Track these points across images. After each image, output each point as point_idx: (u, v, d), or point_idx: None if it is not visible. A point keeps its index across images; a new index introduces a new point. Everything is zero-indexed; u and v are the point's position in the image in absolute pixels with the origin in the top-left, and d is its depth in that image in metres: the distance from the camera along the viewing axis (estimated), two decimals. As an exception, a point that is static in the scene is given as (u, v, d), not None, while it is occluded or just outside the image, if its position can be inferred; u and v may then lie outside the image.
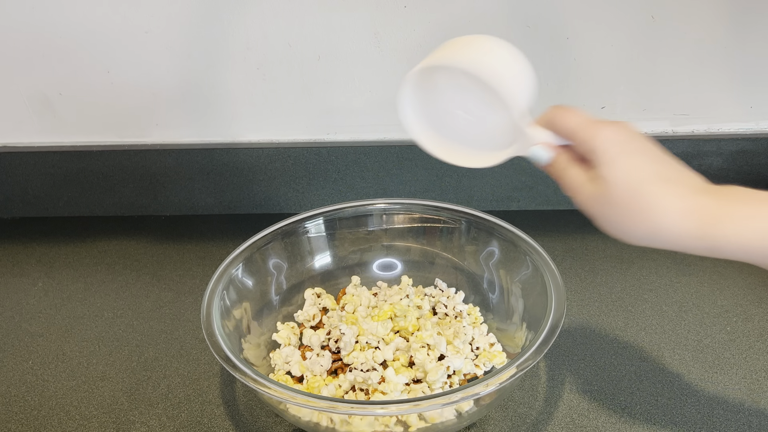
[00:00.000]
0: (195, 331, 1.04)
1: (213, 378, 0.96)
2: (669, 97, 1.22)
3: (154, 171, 1.29)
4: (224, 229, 1.29)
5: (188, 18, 1.14)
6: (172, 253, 1.24)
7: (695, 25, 1.14)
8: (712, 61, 1.18)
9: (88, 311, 1.10)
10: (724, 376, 0.93)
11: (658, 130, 1.24)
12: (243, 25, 1.15)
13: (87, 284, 1.17)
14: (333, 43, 1.17)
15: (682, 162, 0.68)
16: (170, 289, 1.14)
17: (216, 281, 0.93)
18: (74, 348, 1.03)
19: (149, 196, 1.33)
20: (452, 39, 0.77)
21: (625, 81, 1.20)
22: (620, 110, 1.22)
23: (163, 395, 0.93)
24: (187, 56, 1.18)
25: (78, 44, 1.17)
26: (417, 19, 1.14)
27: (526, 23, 1.14)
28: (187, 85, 1.21)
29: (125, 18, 1.14)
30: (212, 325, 0.86)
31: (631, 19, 1.14)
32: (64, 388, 0.95)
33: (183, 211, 1.35)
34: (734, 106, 1.22)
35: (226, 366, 0.80)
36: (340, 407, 0.74)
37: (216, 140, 1.27)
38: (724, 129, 1.24)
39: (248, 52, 1.17)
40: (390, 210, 1.09)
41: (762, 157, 1.23)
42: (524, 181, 1.25)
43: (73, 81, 1.21)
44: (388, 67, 1.19)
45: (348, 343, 0.93)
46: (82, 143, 1.28)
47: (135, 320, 1.08)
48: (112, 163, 1.28)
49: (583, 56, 1.17)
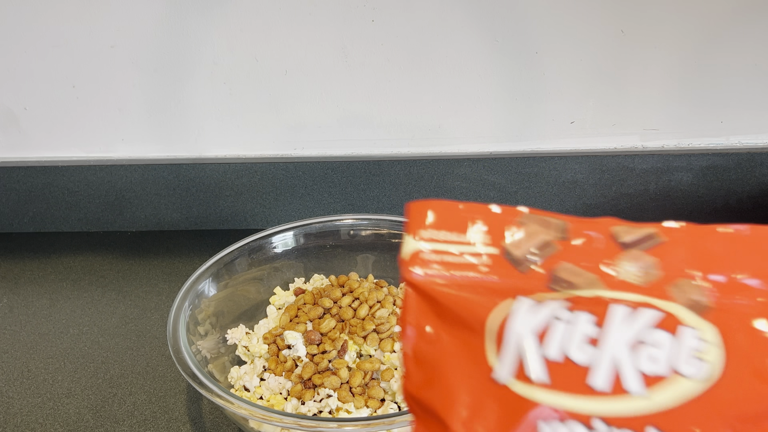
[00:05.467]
0: (161, 348, 1.06)
1: (179, 395, 0.98)
2: (639, 111, 1.24)
3: (120, 186, 1.31)
4: (191, 245, 1.30)
5: (154, 32, 1.16)
6: (138, 269, 1.25)
7: (665, 39, 1.17)
8: (683, 75, 1.20)
9: (53, 328, 1.12)
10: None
11: (627, 146, 1.27)
12: (209, 39, 1.16)
13: (52, 300, 1.18)
14: (300, 58, 1.19)
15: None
16: (136, 306, 1.16)
17: (182, 297, 0.95)
18: (39, 365, 1.04)
19: (115, 211, 1.34)
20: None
21: (594, 95, 1.23)
22: (590, 125, 1.24)
23: (128, 412, 0.95)
24: (153, 71, 1.20)
25: (43, 59, 1.19)
26: (385, 33, 1.16)
27: (495, 37, 1.16)
28: (153, 100, 1.23)
29: (90, 32, 1.16)
30: (178, 342, 0.88)
31: (601, 34, 1.16)
32: (29, 405, 0.97)
33: (149, 227, 1.36)
34: (704, 121, 1.25)
35: (192, 383, 0.81)
36: (306, 423, 0.76)
37: (182, 155, 1.29)
38: (694, 144, 1.27)
39: (215, 66, 1.19)
40: (358, 225, 1.11)
41: (732, 173, 1.26)
42: (494, 197, 1.26)
43: (38, 96, 1.23)
44: (356, 81, 1.21)
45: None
46: (47, 158, 1.30)
47: (101, 337, 1.09)
48: (77, 179, 1.30)
49: (553, 71, 1.19)
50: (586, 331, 0.53)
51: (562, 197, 1.29)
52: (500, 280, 0.57)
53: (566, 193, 1.28)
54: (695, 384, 0.51)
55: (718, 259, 0.57)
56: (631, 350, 0.53)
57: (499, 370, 0.53)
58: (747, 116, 1.23)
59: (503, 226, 0.58)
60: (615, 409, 0.52)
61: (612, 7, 1.13)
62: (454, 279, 0.58)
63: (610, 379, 0.52)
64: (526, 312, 0.54)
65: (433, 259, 0.58)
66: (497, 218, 0.59)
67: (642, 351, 0.52)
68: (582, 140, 1.25)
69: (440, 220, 0.59)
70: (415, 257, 0.58)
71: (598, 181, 1.27)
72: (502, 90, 1.21)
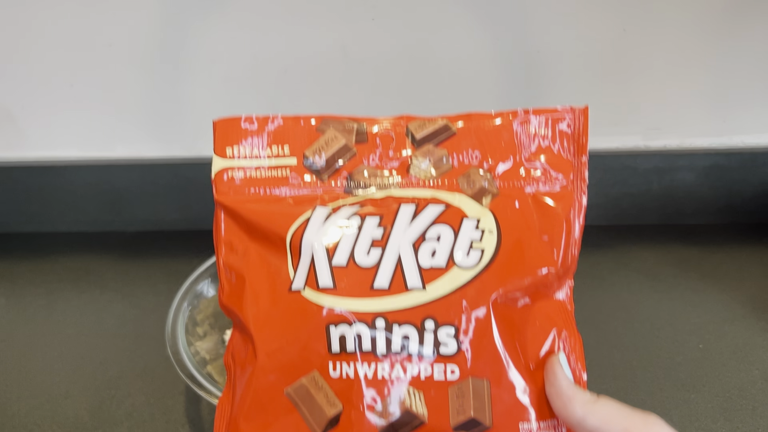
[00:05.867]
0: (159, 349, 1.05)
1: (178, 396, 0.98)
2: (641, 111, 1.24)
3: (118, 186, 1.30)
4: (190, 245, 1.29)
5: (152, 31, 1.16)
6: (136, 269, 1.25)
7: (667, 38, 1.16)
8: (685, 74, 1.20)
9: (51, 328, 1.11)
10: (697, 395, 0.96)
11: (629, 145, 1.26)
12: (208, 38, 1.16)
13: (50, 301, 1.18)
14: (299, 57, 1.18)
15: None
16: (135, 306, 1.16)
17: (181, 298, 0.95)
18: (37, 365, 1.04)
19: (113, 211, 1.34)
20: None
21: (596, 95, 1.22)
22: (591, 124, 1.23)
23: (127, 414, 0.95)
24: (151, 70, 1.19)
25: (40, 58, 1.18)
26: (385, 31, 1.16)
27: (496, 36, 1.16)
28: (151, 99, 1.22)
29: (88, 31, 1.16)
30: (177, 343, 0.88)
31: (603, 32, 1.16)
32: (26, 407, 0.97)
33: (148, 227, 1.36)
34: (707, 120, 1.25)
35: (191, 384, 0.81)
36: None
37: (181, 155, 1.28)
38: (696, 143, 1.26)
39: (213, 65, 1.19)
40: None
41: (735, 172, 1.26)
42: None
43: (35, 95, 1.22)
44: (356, 80, 1.21)
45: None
46: (44, 158, 1.29)
47: (99, 337, 1.09)
48: (75, 178, 1.30)
49: (554, 70, 1.19)
50: (373, 235, 0.59)
51: (564, 197, 1.28)
52: (300, 192, 0.62)
53: (568, 192, 1.28)
54: (469, 272, 0.57)
55: (502, 146, 0.62)
56: (412, 248, 0.58)
57: (296, 279, 0.59)
58: (750, 115, 1.23)
59: (303, 135, 0.63)
60: (395, 306, 0.57)
61: (614, 6, 1.12)
62: (257, 195, 0.62)
63: (391, 278, 0.57)
64: (319, 222, 0.59)
65: (238, 177, 0.63)
66: (298, 129, 0.64)
67: (423, 247, 0.58)
68: (584, 139, 1.24)
69: (244, 136, 0.64)
70: (221, 176, 0.63)
71: (600, 180, 1.27)
72: (503, 89, 1.21)
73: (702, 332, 1.07)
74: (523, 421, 0.59)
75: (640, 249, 1.26)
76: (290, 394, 0.58)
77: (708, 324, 1.09)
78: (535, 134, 0.62)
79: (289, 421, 0.58)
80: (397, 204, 0.61)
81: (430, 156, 0.63)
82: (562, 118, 0.63)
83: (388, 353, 0.57)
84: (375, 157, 0.63)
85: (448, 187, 0.62)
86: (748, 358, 1.02)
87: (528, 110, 0.63)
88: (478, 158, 0.62)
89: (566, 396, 0.58)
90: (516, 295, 0.60)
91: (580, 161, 0.62)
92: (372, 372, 0.57)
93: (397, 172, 0.63)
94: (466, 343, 0.57)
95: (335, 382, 0.57)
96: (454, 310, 0.57)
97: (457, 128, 0.63)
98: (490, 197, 0.61)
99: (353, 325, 0.57)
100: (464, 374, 0.57)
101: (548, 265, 0.60)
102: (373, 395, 0.57)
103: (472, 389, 0.58)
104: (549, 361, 0.60)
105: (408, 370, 0.57)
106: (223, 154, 0.64)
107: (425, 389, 0.57)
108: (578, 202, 0.62)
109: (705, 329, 1.07)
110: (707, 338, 1.06)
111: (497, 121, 0.63)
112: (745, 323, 1.08)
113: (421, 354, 0.57)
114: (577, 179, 0.63)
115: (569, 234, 0.62)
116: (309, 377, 0.58)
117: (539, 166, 0.62)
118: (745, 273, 1.19)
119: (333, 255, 0.59)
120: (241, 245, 0.63)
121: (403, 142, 0.63)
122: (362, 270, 0.58)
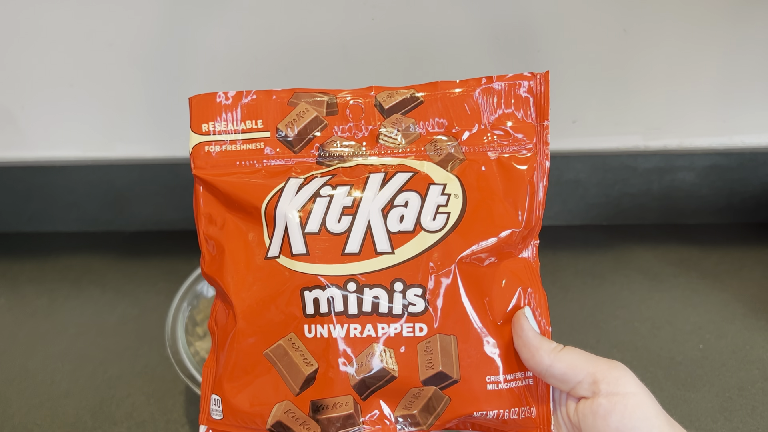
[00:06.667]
0: (160, 349, 1.06)
1: (178, 396, 0.98)
2: (641, 110, 1.24)
3: (119, 186, 1.30)
4: (190, 245, 1.29)
5: (152, 31, 1.16)
6: (137, 269, 1.25)
7: (668, 38, 1.16)
8: (685, 74, 1.20)
9: (51, 327, 1.12)
10: (697, 394, 0.96)
11: (629, 145, 1.26)
12: (208, 38, 1.16)
13: (51, 300, 1.18)
14: (300, 57, 1.18)
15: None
16: (135, 306, 1.16)
17: (181, 298, 0.95)
18: (37, 365, 1.04)
19: (114, 211, 1.34)
20: None
21: (596, 94, 1.22)
22: (592, 124, 1.24)
23: (127, 413, 0.95)
24: (151, 69, 1.19)
25: (41, 57, 1.18)
26: (385, 32, 1.16)
27: (496, 36, 1.16)
28: (152, 98, 1.22)
29: (89, 31, 1.16)
30: (177, 343, 0.88)
31: (603, 32, 1.16)
32: (27, 406, 0.97)
33: (148, 227, 1.36)
34: (707, 120, 1.24)
35: (191, 384, 0.82)
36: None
37: (181, 155, 1.28)
38: (696, 143, 1.26)
39: (213, 65, 1.19)
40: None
41: (735, 172, 1.26)
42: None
43: (35, 95, 1.22)
44: (356, 80, 1.20)
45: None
46: (45, 158, 1.29)
47: (99, 337, 1.09)
48: (76, 178, 1.30)
49: (555, 69, 1.18)
50: (344, 203, 0.62)
51: (565, 197, 1.29)
52: (273, 163, 0.65)
53: (568, 192, 1.28)
54: (436, 235, 0.60)
55: (467, 113, 0.65)
56: (382, 214, 0.61)
57: (271, 248, 0.62)
58: (750, 115, 1.23)
59: (276, 109, 0.66)
60: (365, 269, 0.60)
61: (614, 6, 1.13)
62: (233, 168, 0.65)
63: (362, 243, 0.61)
64: (292, 192, 0.62)
65: (214, 151, 0.66)
66: (271, 103, 0.66)
67: (392, 213, 0.61)
68: (584, 139, 1.25)
69: (219, 112, 0.66)
70: (198, 151, 0.66)
71: (601, 180, 1.27)
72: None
73: (702, 332, 1.07)
74: (490, 374, 0.63)
75: (640, 249, 1.26)
76: (269, 355, 0.62)
77: (708, 324, 1.09)
78: (499, 100, 0.65)
79: (268, 379, 0.62)
80: (366, 173, 0.64)
81: (398, 125, 0.65)
82: (524, 84, 0.65)
83: (359, 314, 0.61)
84: (345, 128, 0.66)
85: (415, 155, 0.65)
86: (748, 358, 1.02)
87: (491, 77, 0.65)
88: (444, 126, 0.65)
89: (533, 346, 0.61)
90: (481, 255, 0.63)
91: (542, 125, 0.65)
92: (344, 332, 0.61)
93: (367, 141, 0.65)
94: (433, 303, 0.61)
95: (311, 342, 0.61)
96: (422, 271, 0.60)
97: (423, 97, 0.65)
98: (456, 163, 0.64)
99: (326, 289, 0.60)
100: (432, 331, 0.61)
101: (512, 226, 0.63)
102: (347, 353, 0.61)
103: (439, 345, 0.61)
104: (516, 315, 0.63)
105: (379, 329, 0.61)
106: (199, 130, 0.67)
107: (395, 346, 0.61)
108: (541, 165, 0.65)
109: (705, 329, 1.08)
110: (707, 338, 1.06)
111: (462, 89, 0.65)
112: (745, 323, 1.08)
113: (391, 314, 0.61)
114: (540, 143, 0.65)
115: (533, 196, 0.64)
116: (286, 339, 0.62)
117: (503, 131, 0.65)
118: (745, 273, 1.19)
119: (306, 223, 0.62)
120: (219, 217, 0.66)
121: (372, 113, 0.66)
122: (334, 237, 0.61)
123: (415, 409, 0.62)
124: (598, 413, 0.58)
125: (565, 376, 0.60)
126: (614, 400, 0.58)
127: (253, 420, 0.62)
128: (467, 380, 0.62)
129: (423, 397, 0.62)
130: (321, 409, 0.61)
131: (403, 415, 0.62)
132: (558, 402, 0.64)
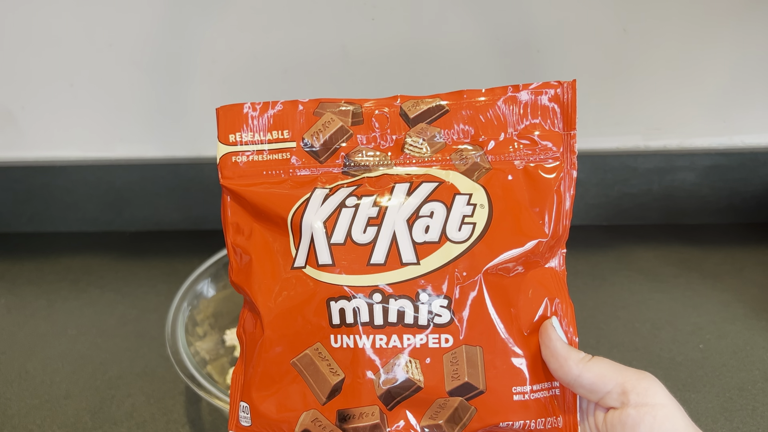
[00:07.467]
0: (160, 349, 1.06)
1: (178, 396, 0.98)
2: (641, 111, 1.24)
3: (119, 186, 1.30)
4: (190, 245, 1.30)
5: (152, 31, 1.16)
6: (137, 269, 1.25)
7: (668, 38, 1.16)
8: (685, 74, 1.20)
9: (51, 328, 1.12)
10: (697, 395, 0.96)
11: (630, 145, 1.27)
12: (208, 38, 1.16)
13: (50, 301, 1.18)
14: (300, 57, 1.18)
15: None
16: (135, 306, 1.16)
17: (181, 298, 0.95)
18: (37, 366, 1.04)
19: (114, 211, 1.34)
20: None
21: (597, 95, 1.22)
22: (592, 124, 1.24)
23: (127, 414, 0.95)
24: (152, 69, 1.19)
25: (41, 57, 1.18)
26: (385, 31, 1.16)
27: (496, 36, 1.16)
28: (152, 98, 1.22)
29: (89, 31, 1.16)
30: (177, 343, 0.88)
31: (603, 32, 1.16)
32: (26, 407, 0.97)
33: (148, 227, 1.36)
34: (707, 120, 1.25)
35: (191, 384, 0.82)
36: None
37: (181, 155, 1.29)
38: (697, 143, 1.26)
39: (213, 65, 1.19)
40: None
41: (735, 172, 1.26)
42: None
43: (35, 95, 1.23)
44: (356, 80, 1.21)
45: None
46: (45, 158, 1.29)
47: (99, 337, 1.09)
48: (75, 178, 1.30)
49: (555, 70, 1.19)
50: (369, 213, 0.61)
51: (564, 197, 1.28)
52: (300, 174, 0.65)
53: (568, 192, 1.28)
54: (461, 245, 0.60)
55: (493, 122, 0.64)
56: (407, 225, 0.61)
57: (297, 258, 0.62)
58: (750, 116, 1.23)
59: (302, 119, 0.66)
60: (391, 280, 0.60)
61: (614, 6, 1.13)
62: (260, 178, 0.65)
63: (387, 254, 0.60)
64: (318, 203, 0.62)
65: (241, 161, 0.65)
66: (297, 113, 0.66)
67: (417, 223, 0.61)
68: (584, 140, 1.25)
69: (245, 122, 0.66)
70: (226, 162, 0.65)
71: (601, 180, 1.27)
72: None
73: (702, 332, 1.07)
74: (517, 384, 0.62)
75: (640, 249, 1.26)
76: (296, 364, 0.62)
77: (708, 324, 1.09)
78: (525, 109, 0.64)
79: (295, 388, 0.62)
80: (392, 182, 0.63)
81: (424, 134, 0.65)
82: (550, 92, 0.64)
83: (385, 324, 0.60)
84: (371, 137, 0.66)
85: (441, 165, 0.64)
86: (748, 358, 1.02)
87: (518, 86, 0.64)
88: (470, 134, 0.65)
89: (561, 356, 0.61)
90: (508, 266, 0.62)
91: (569, 134, 0.64)
92: (370, 342, 0.60)
93: (392, 151, 0.65)
94: (459, 313, 0.60)
95: (337, 351, 0.61)
96: (447, 282, 0.60)
97: (448, 106, 0.65)
98: (482, 172, 0.64)
99: (352, 299, 0.60)
100: (457, 342, 0.60)
101: (539, 236, 0.63)
102: (373, 363, 0.61)
103: (465, 356, 0.61)
104: (543, 325, 0.63)
105: (404, 340, 0.61)
106: (226, 141, 0.66)
107: (421, 357, 0.61)
108: (568, 174, 0.64)
109: (705, 329, 1.08)
110: (707, 338, 1.06)
111: (488, 97, 0.65)
112: (745, 323, 1.08)
113: (417, 324, 0.60)
114: (567, 152, 0.64)
115: (560, 205, 0.64)
116: (313, 348, 0.61)
117: (529, 140, 0.64)
118: (746, 273, 1.19)
119: (331, 234, 0.62)
120: (246, 226, 0.66)
121: (398, 122, 0.65)
122: (359, 247, 0.61)
123: (441, 420, 0.62)
124: (627, 424, 0.58)
125: (593, 386, 0.59)
126: (643, 411, 0.57)
127: (281, 428, 0.63)
128: (493, 391, 0.62)
129: (449, 407, 0.62)
130: (348, 419, 0.61)
131: (429, 425, 0.62)
132: (585, 412, 0.64)
